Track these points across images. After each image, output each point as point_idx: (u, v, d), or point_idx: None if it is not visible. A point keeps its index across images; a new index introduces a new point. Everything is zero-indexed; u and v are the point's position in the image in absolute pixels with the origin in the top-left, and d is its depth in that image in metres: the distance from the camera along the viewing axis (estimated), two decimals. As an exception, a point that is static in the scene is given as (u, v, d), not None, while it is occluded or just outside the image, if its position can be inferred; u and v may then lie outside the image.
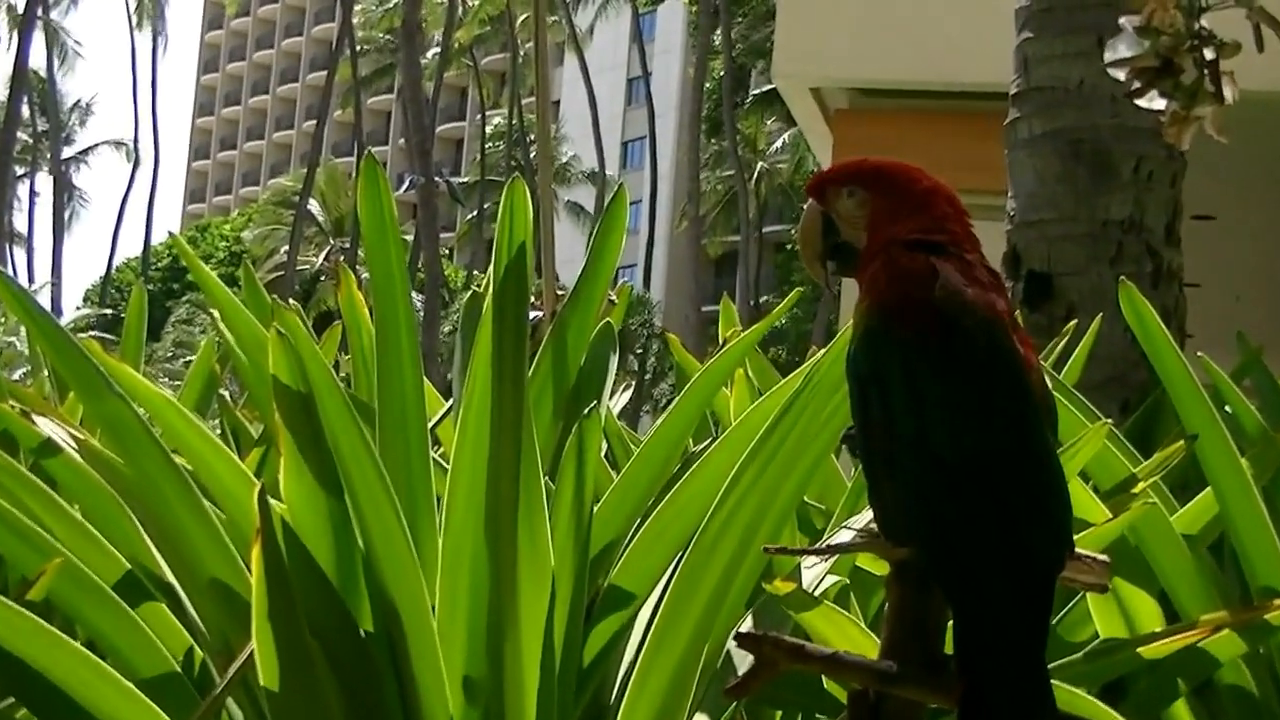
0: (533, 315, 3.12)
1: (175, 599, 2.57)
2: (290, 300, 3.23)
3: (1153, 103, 2.32)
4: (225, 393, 4.05)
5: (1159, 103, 2.33)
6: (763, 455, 2.36)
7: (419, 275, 38.38)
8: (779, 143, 46.86)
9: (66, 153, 58.81)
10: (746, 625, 2.44)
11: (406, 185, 43.90)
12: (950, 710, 1.65)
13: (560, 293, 3.40)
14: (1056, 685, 1.74)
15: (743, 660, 2.39)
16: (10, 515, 2.50)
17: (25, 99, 50.62)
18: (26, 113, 54.82)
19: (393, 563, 2.37)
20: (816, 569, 2.45)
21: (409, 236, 41.42)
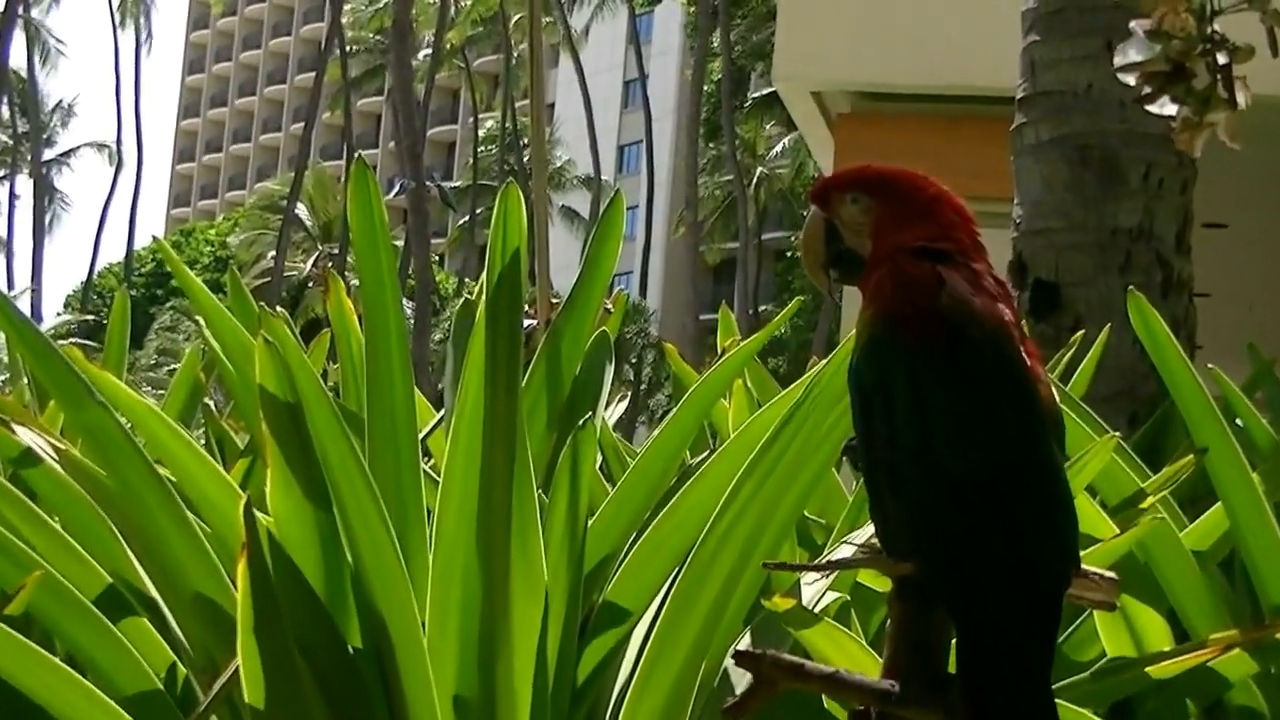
0: (527, 323, 3.12)
1: (158, 614, 2.57)
2: (277, 307, 3.23)
3: (1164, 108, 2.32)
4: (210, 402, 4.05)
5: (1170, 108, 2.32)
6: (762, 468, 2.36)
7: (409, 282, 38.40)
8: (779, 147, 46.87)
9: (48, 155, 58.75)
10: (744, 643, 2.44)
11: (397, 190, 43.88)
12: (954, 731, 1.65)
13: (555, 300, 3.40)
14: (1062, 705, 1.74)
15: (741, 679, 2.39)
16: (-11, 527, 2.50)
17: (5, 99, 50.65)
18: (6, 113, 54.87)
19: (382, 577, 2.37)
20: (817, 585, 2.45)
21: (399, 242, 41.43)
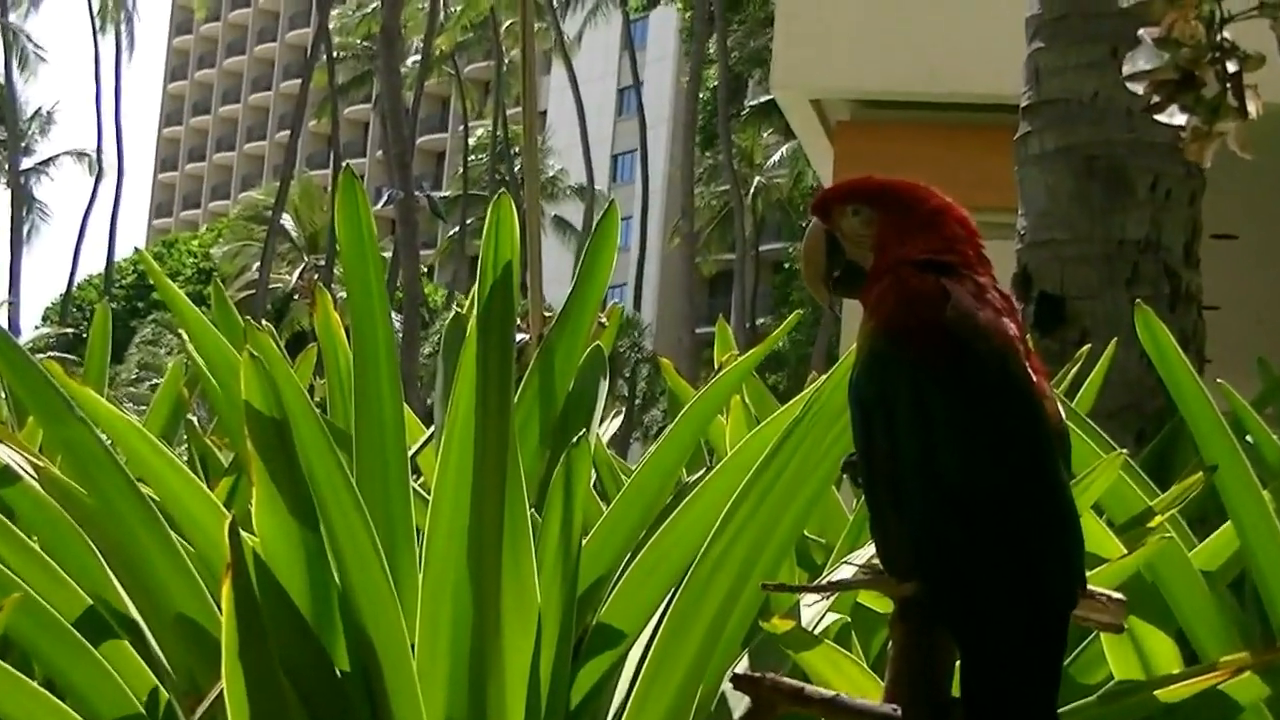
0: (519, 338, 3.12)
1: (139, 636, 2.57)
2: (262, 321, 3.23)
3: (1172, 118, 2.32)
4: (194, 418, 4.05)
5: (1179, 118, 2.33)
6: (760, 486, 2.36)
7: (397, 294, 38.40)
8: (777, 156, 46.90)
9: (26, 163, 58.70)
10: (743, 666, 2.44)
11: (385, 200, 43.87)
12: (958, 756, 1.65)
13: (548, 314, 3.40)
14: (1069, 730, 1.74)
15: (739, 703, 2.39)
16: (-35, 547, 2.50)
17: (-17, 107, 50.64)
18: (-16, 121, 54.85)
19: (370, 598, 2.36)
20: (816, 606, 2.45)
21: (387, 254, 41.43)
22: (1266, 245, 9.84)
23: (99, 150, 57.19)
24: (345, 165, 2.60)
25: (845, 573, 1.93)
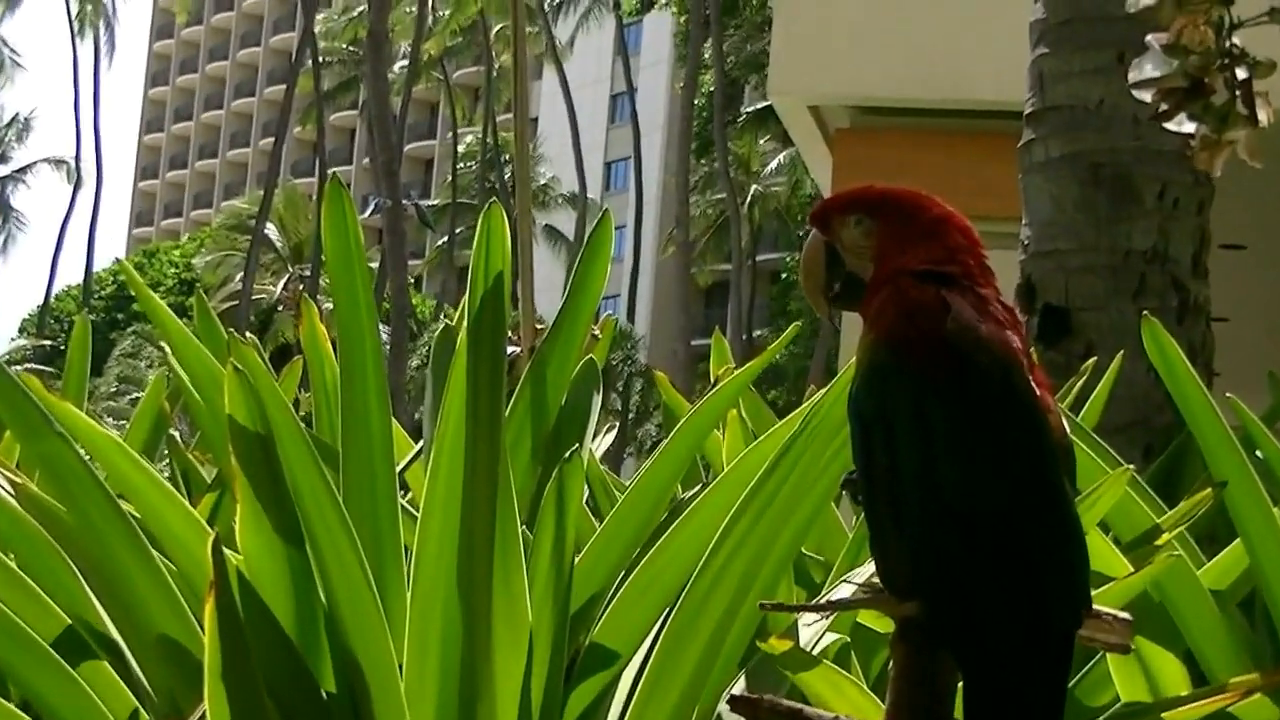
0: (510, 350, 3.12)
1: (120, 657, 2.56)
2: (246, 333, 3.23)
3: (1181, 126, 2.33)
4: (175, 433, 4.05)
5: (1188, 126, 2.33)
6: (757, 503, 2.36)
7: (384, 305, 38.40)
8: (774, 164, 46.93)
9: (2, 171, 58.78)
10: (739, 687, 2.44)
11: (372, 208, 43.85)
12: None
13: (539, 326, 3.40)
14: (1075, 753, 1.74)
15: (735, 725, 2.39)
16: (-59, 565, 2.50)
17: (-42, 113, 50.64)
18: (-41, 129, 54.89)
19: (357, 618, 2.36)
20: (815, 626, 2.45)
21: (374, 264, 41.43)
22: (1276, 255, 9.85)
23: (78, 158, 57.21)
24: (331, 173, 2.61)
25: (845, 591, 1.93)
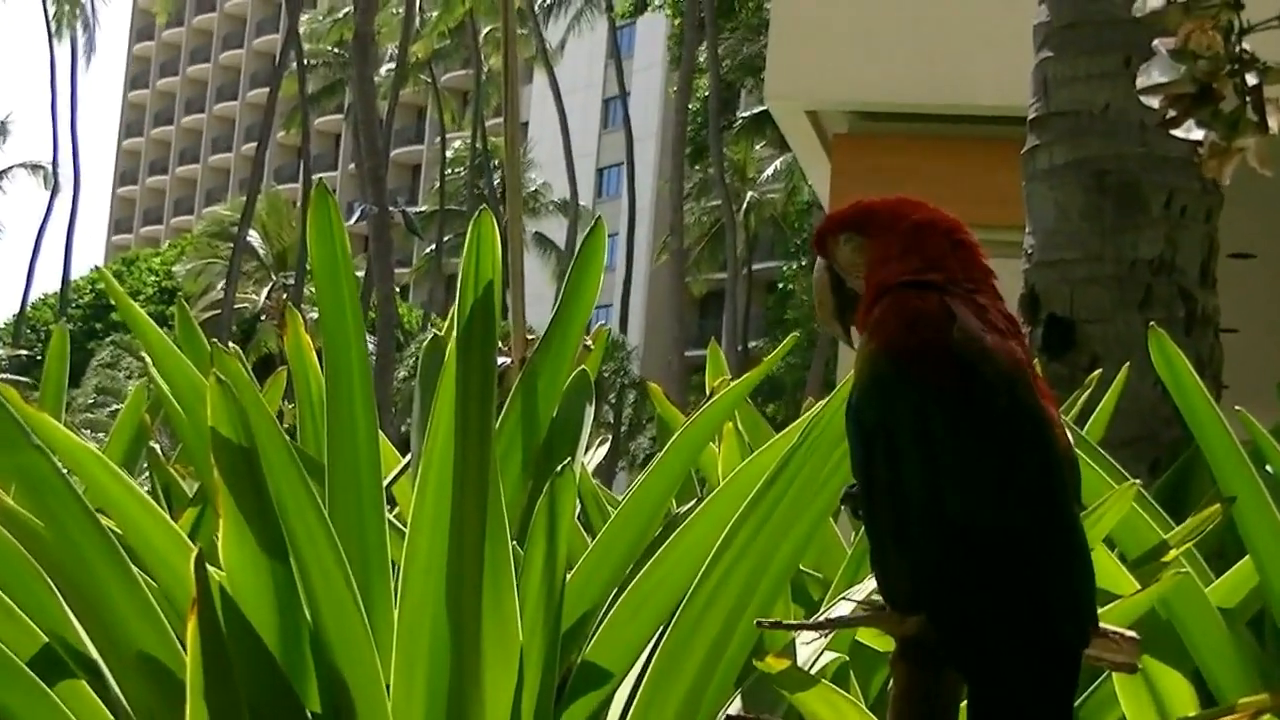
0: (500, 361, 3.12)
1: (98, 676, 2.56)
2: (229, 343, 3.23)
3: (1189, 133, 2.33)
4: (156, 445, 4.04)
5: (1196, 133, 2.34)
6: (754, 518, 2.36)
7: (370, 315, 38.39)
8: (771, 170, 46.93)
9: (-23, 177, 58.76)
10: (735, 707, 2.44)
11: (357, 215, 43.85)
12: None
13: (530, 336, 3.40)
14: (1080, 775, 1.74)
15: (732, 746, 2.39)
16: (-85, 581, 2.49)
17: (-68, 117, 50.63)
18: (-67, 133, 54.87)
19: (343, 636, 2.36)
20: (813, 645, 2.45)
21: (359, 272, 41.39)
22: (1287, 265, 9.86)
23: (54, 162, 57.15)
24: (317, 179, 2.61)
25: (844, 609, 1.93)
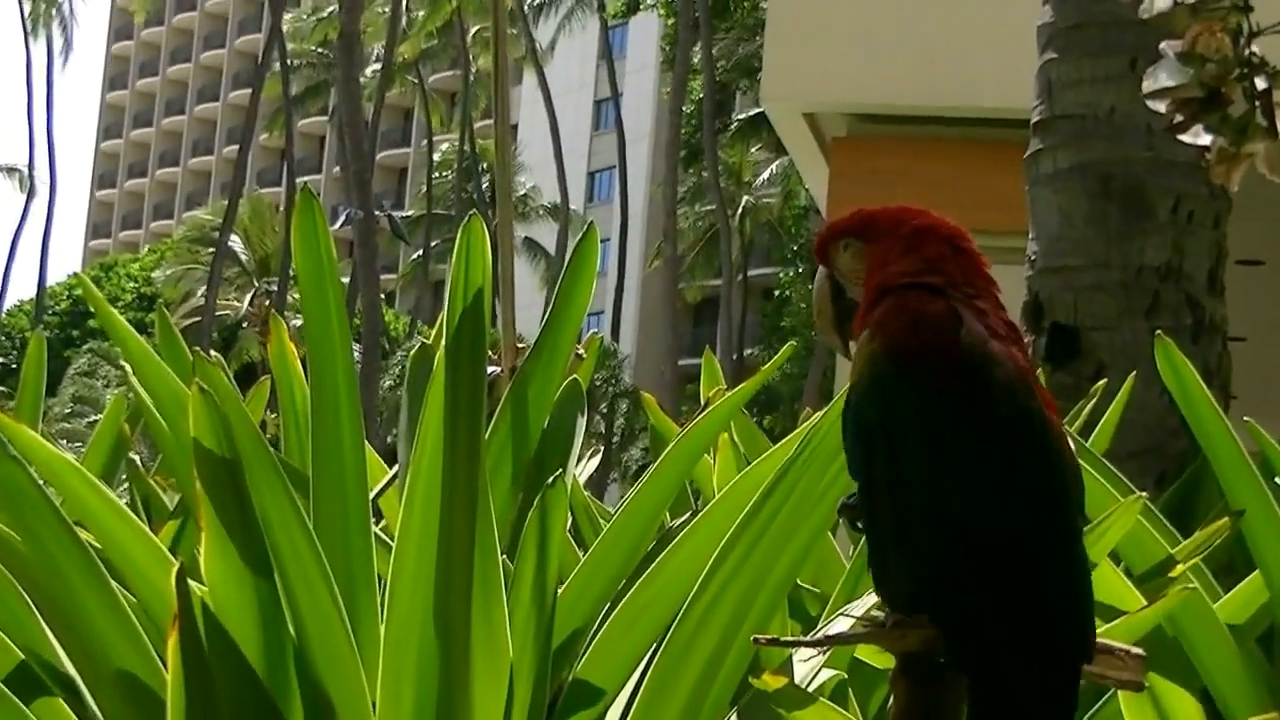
0: (490, 370, 3.12)
1: (76, 694, 2.55)
2: (210, 351, 3.23)
3: (1197, 138, 2.33)
4: (136, 456, 4.04)
5: (1204, 138, 2.34)
6: (751, 532, 2.36)
7: (355, 322, 38.38)
8: (766, 174, 46.96)
9: (-48, 180, 58.72)
10: (731, 726, 2.44)
11: (342, 220, 43.89)
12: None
13: (520, 345, 3.40)
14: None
15: (727, 766, 2.39)
16: (-113, 596, 2.49)
17: (-95, 118, 50.52)
18: (-94, 134, 54.77)
19: (328, 653, 2.36)
20: (811, 662, 2.45)
21: (345, 278, 41.29)
22: (1296, 272, 9.86)
23: (30, 165, 57.17)
24: (301, 183, 2.61)
25: (842, 625, 1.93)
